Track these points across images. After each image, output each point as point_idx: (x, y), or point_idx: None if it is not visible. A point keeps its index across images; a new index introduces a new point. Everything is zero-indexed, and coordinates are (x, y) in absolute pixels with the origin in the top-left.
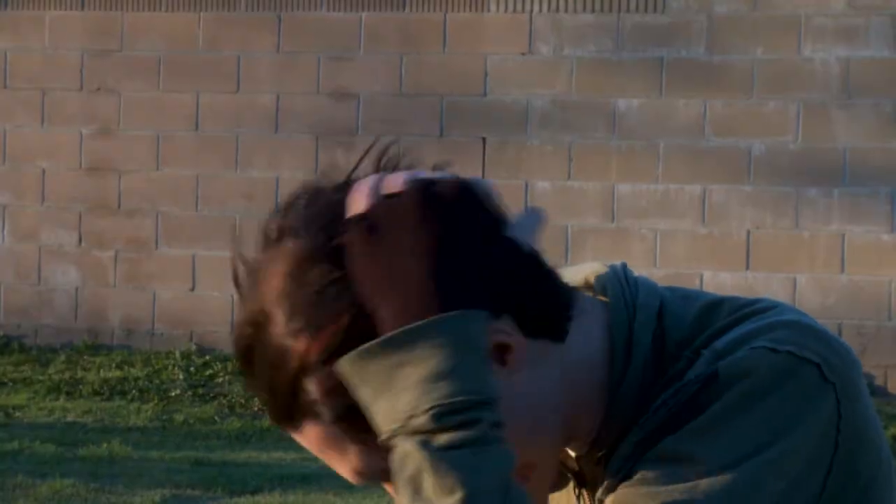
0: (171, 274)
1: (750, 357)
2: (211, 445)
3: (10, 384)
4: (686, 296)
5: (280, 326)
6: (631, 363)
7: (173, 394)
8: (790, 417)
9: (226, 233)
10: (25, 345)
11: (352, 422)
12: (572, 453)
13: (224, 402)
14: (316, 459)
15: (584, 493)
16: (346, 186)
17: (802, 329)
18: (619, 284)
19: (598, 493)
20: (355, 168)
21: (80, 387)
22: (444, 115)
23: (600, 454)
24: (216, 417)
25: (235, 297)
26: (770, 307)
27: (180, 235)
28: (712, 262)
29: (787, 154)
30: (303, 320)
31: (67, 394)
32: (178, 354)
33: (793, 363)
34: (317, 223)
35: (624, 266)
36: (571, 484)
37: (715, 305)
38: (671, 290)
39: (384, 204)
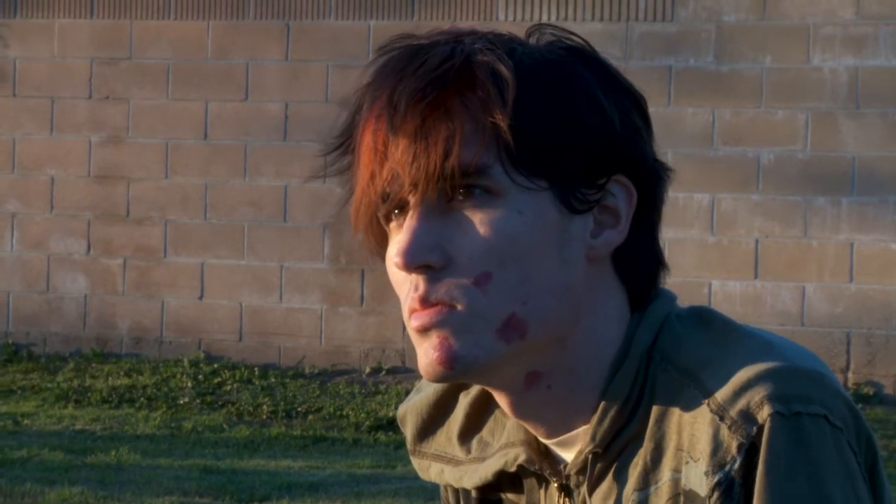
0: (179, 282)
1: (773, 430)
2: (219, 453)
3: (19, 392)
4: (700, 317)
5: None
6: (626, 360)
7: (182, 402)
8: (831, 475)
9: (234, 241)
10: (34, 353)
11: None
12: (567, 455)
13: (232, 409)
14: (324, 467)
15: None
16: None
17: (802, 376)
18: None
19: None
20: None
21: (89, 395)
22: None
23: (588, 453)
24: (224, 425)
25: (244, 304)
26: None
27: (189, 243)
28: (721, 270)
29: (796, 163)
30: None
31: (76, 402)
32: (186, 362)
33: (806, 424)
34: None
35: None
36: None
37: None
38: (694, 312)
39: None
